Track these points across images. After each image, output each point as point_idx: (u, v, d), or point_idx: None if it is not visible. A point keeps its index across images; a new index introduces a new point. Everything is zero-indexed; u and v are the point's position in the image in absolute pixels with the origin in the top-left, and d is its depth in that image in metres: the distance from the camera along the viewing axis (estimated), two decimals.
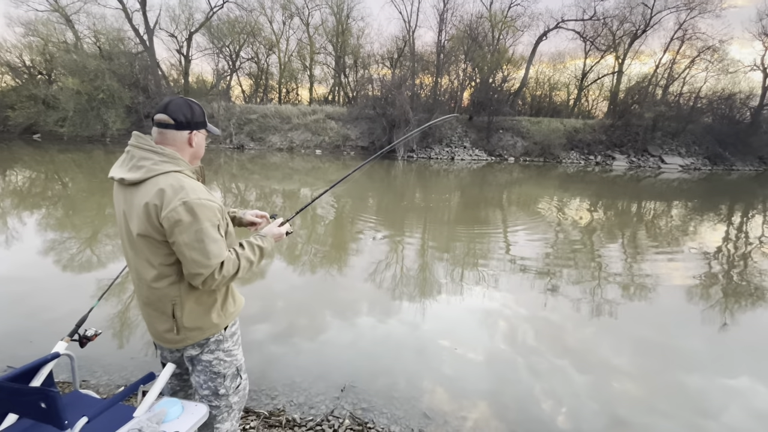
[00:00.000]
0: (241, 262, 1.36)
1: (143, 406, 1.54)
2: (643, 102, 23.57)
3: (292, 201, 9.73)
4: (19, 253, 5.13)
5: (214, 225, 1.30)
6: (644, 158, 22.99)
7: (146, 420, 1.44)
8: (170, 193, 1.25)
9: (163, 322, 1.42)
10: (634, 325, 3.82)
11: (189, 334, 1.43)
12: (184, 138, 1.38)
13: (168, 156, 1.33)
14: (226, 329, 1.52)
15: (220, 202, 1.36)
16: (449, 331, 3.48)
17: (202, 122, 1.43)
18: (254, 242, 1.45)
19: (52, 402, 1.25)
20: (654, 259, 5.89)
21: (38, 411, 1.28)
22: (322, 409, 2.42)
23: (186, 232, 1.25)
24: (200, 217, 1.26)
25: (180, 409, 1.54)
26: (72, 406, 1.64)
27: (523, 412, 2.50)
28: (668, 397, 2.76)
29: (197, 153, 1.45)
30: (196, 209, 1.25)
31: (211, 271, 1.28)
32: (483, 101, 23.37)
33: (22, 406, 1.36)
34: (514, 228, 7.70)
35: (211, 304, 1.44)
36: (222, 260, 1.30)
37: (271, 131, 22.53)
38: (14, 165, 13.27)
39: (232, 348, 1.55)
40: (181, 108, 1.36)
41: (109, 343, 3.07)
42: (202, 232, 1.26)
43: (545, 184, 15.08)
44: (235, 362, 1.58)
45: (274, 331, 3.36)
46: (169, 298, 1.38)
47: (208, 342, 1.49)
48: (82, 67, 20.14)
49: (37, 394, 1.27)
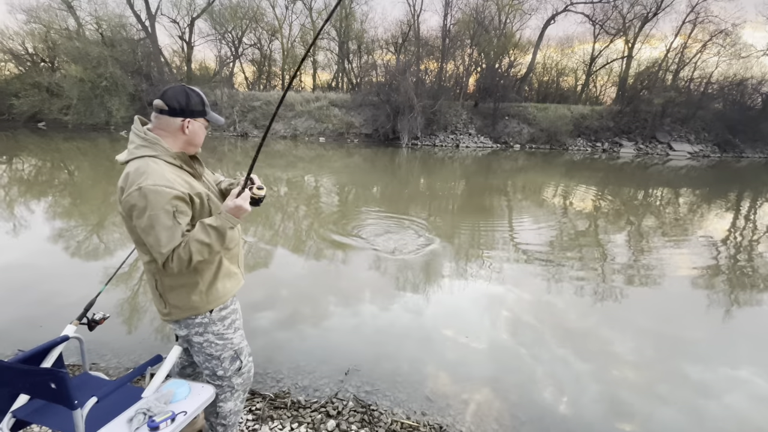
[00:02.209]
0: (191, 246, 1.31)
1: (151, 387, 1.57)
2: (653, 87, 23.12)
3: (296, 189, 9.73)
4: (27, 240, 5.20)
5: (167, 212, 1.29)
6: (652, 145, 22.66)
7: (154, 400, 1.48)
8: (132, 177, 1.31)
9: (155, 295, 1.50)
10: (637, 314, 3.81)
11: (173, 310, 1.48)
12: (177, 125, 1.40)
13: (148, 141, 1.37)
14: (212, 312, 1.52)
15: (183, 189, 1.34)
16: (452, 318, 3.50)
17: (200, 111, 1.44)
18: (207, 222, 1.36)
19: (62, 382, 1.27)
20: (659, 248, 5.85)
21: (48, 391, 1.31)
22: (327, 392, 2.45)
23: (140, 217, 1.30)
24: (152, 203, 1.27)
25: (187, 390, 1.57)
26: (82, 387, 1.68)
27: (525, 397, 2.53)
28: (669, 384, 2.77)
29: (192, 141, 1.46)
30: (149, 195, 1.27)
31: (165, 258, 1.32)
32: (489, 87, 23.03)
33: (33, 386, 1.39)
34: (519, 216, 7.67)
35: (190, 285, 1.45)
36: (173, 248, 1.31)
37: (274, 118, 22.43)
38: (20, 153, 13.34)
39: (224, 332, 1.57)
40: (176, 95, 1.40)
41: (118, 328, 3.12)
42: (153, 218, 1.28)
43: (551, 171, 14.93)
44: (231, 346, 1.59)
45: (279, 317, 3.39)
46: (151, 273, 1.46)
47: (194, 323, 1.52)
48: (85, 54, 20.05)
49: (47, 375, 1.30)
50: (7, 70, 23.37)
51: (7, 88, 21.68)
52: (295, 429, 2.07)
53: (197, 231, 1.34)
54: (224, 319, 1.56)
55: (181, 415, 1.45)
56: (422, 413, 2.32)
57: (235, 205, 1.38)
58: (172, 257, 1.32)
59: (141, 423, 1.38)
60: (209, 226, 1.35)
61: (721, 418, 2.48)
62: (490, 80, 23.03)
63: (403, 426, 2.16)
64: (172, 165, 1.39)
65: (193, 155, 1.51)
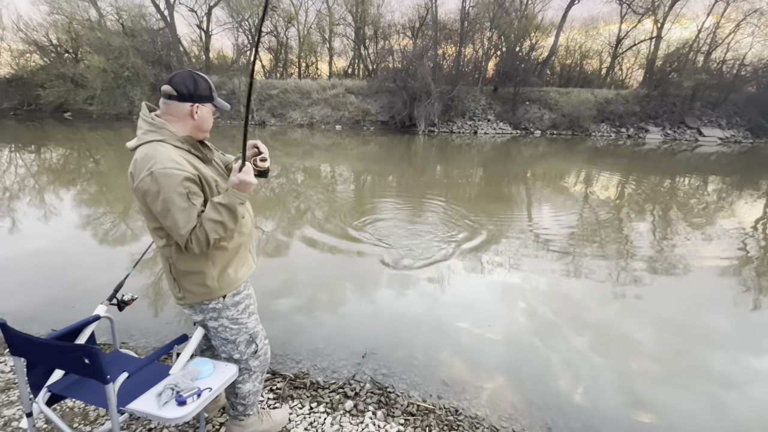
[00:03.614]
0: (205, 225, 1.35)
1: (178, 364, 1.64)
2: (683, 70, 22.04)
3: (312, 178, 9.80)
4: (57, 227, 5.42)
5: (181, 194, 1.31)
6: (680, 131, 21.74)
7: (181, 377, 1.54)
8: (141, 163, 1.33)
9: (170, 280, 1.54)
10: (659, 304, 3.71)
11: (187, 294, 1.52)
12: (186, 110, 1.43)
13: (155, 126, 1.39)
14: (225, 298, 1.55)
15: (191, 170, 1.36)
16: (468, 306, 3.48)
17: (207, 96, 1.46)
18: (216, 201, 1.38)
19: (95, 358, 1.34)
20: (685, 238, 5.66)
21: (82, 366, 1.38)
22: (344, 374, 2.51)
23: (155, 201, 1.32)
24: (164, 186, 1.30)
25: (212, 368, 1.63)
26: (113, 363, 1.76)
27: (541, 386, 2.52)
28: (690, 376, 2.70)
29: (201, 126, 1.48)
30: (160, 179, 1.29)
31: (185, 240, 1.35)
32: (509, 71, 22.43)
33: (67, 362, 1.46)
34: (538, 204, 7.53)
35: (203, 270, 1.47)
36: (191, 228, 1.34)
37: (291, 107, 22.50)
38: (48, 143, 13.84)
39: (238, 317, 1.60)
40: (184, 80, 1.42)
41: (146, 310, 3.25)
42: (168, 202, 1.30)
43: (572, 158, 14.55)
44: (246, 330, 1.63)
45: (298, 303, 3.46)
46: (165, 257, 1.49)
47: (207, 309, 1.55)
48: (107, 45, 20.48)
49: (81, 351, 1.36)
50: (33, 62, 24.09)
51: (33, 79, 22.41)
52: (314, 408, 2.13)
53: (208, 210, 1.37)
54: (238, 304, 1.59)
55: (207, 392, 1.51)
56: (438, 396, 2.35)
57: (239, 180, 1.37)
58: (191, 238, 1.35)
59: (169, 398, 1.45)
60: (218, 204, 1.38)
61: (743, 410, 2.41)
62: (510, 64, 22.42)
63: (419, 408, 2.20)
64: (179, 149, 1.41)
65: (201, 140, 1.53)
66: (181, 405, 1.43)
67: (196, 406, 1.45)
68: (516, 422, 2.18)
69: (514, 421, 2.18)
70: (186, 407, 1.42)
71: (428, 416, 2.13)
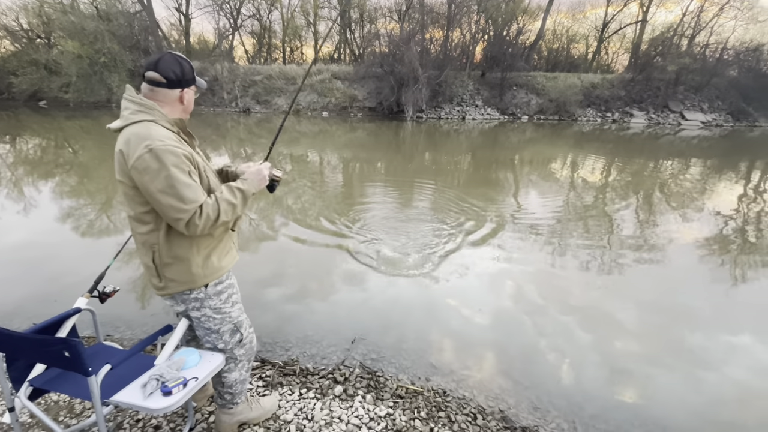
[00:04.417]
0: (220, 205, 1.36)
1: (163, 355, 1.62)
2: (667, 54, 22.25)
3: (300, 165, 9.68)
4: (37, 220, 5.26)
5: (183, 171, 1.30)
6: (664, 115, 22.05)
7: (166, 367, 1.52)
8: (135, 140, 1.28)
9: (149, 268, 1.47)
10: (641, 285, 3.82)
11: (169, 283, 1.46)
12: (176, 96, 1.40)
13: (145, 106, 1.35)
14: (207, 287, 1.51)
15: (188, 150, 1.36)
16: (457, 290, 3.52)
17: (192, 78, 1.45)
18: (233, 185, 1.45)
19: (75, 351, 1.31)
20: (667, 220, 5.79)
21: (63, 360, 1.35)
22: (334, 360, 2.52)
23: (156, 179, 1.26)
24: (167, 162, 1.26)
25: (198, 358, 1.62)
26: (96, 356, 1.74)
27: (528, 365, 2.58)
28: (671, 352, 2.80)
29: (188, 109, 1.48)
30: (162, 155, 1.26)
31: (190, 216, 1.30)
32: (496, 56, 22.30)
33: (48, 356, 1.43)
34: (526, 190, 7.60)
35: (188, 258, 1.43)
36: (200, 204, 1.31)
37: (276, 93, 22.05)
38: (23, 133, 13.32)
39: (221, 306, 1.57)
40: (171, 66, 1.37)
41: (131, 301, 3.20)
42: (172, 178, 1.27)
43: (559, 143, 14.66)
44: (229, 319, 1.61)
45: (287, 292, 3.44)
46: (149, 245, 1.43)
47: (189, 298, 1.52)
48: (81, 29, 19.61)
49: (60, 344, 1.33)
50: (3, 48, 23.04)
51: (5, 66, 21.44)
52: (303, 394, 2.14)
53: (226, 192, 1.41)
54: (220, 293, 1.56)
55: (193, 381, 1.50)
56: (426, 379, 2.39)
57: (262, 176, 1.53)
58: (200, 214, 1.30)
59: (154, 388, 1.43)
60: (236, 188, 1.44)
61: (720, 386, 2.51)
62: (498, 48, 22.28)
63: (407, 391, 2.23)
64: (170, 131, 1.37)
65: None
66: (167, 395, 1.42)
67: (182, 395, 1.44)
68: (502, 401, 2.23)
69: (501, 401, 2.23)
70: (171, 397, 1.41)
71: (417, 398, 2.16)
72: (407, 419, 1.99)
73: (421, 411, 2.06)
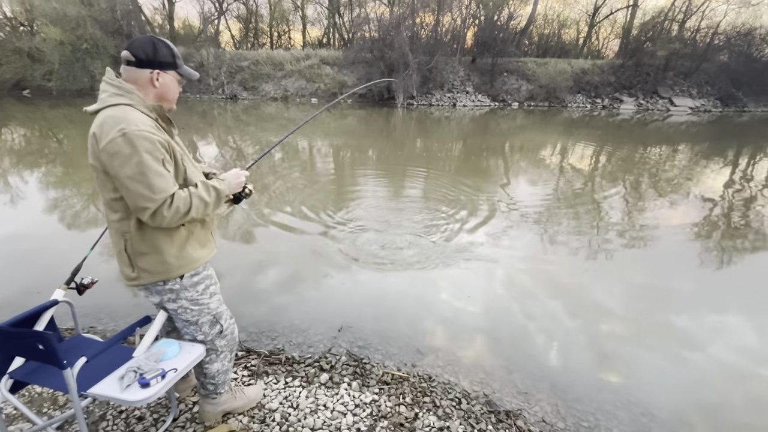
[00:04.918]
0: (193, 200, 1.33)
1: (142, 347, 1.60)
2: (657, 39, 22.20)
3: (289, 153, 9.56)
4: (23, 211, 5.16)
5: (156, 159, 1.26)
6: (653, 100, 22.14)
7: (144, 359, 1.51)
8: (110, 123, 1.24)
9: (122, 257, 1.42)
10: (628, 270, 3.87)
11: (142, 274, 1.42)
12: (146, 76, 1.34)
13: (123, 89, 1.31)
14: (183, 278, 1.48)
15: (163, 138, 1.31)
16: (445, 278, 3.53)
17: (170, 63, 1.37)
18: (210, 183, 1.42)
19: (48, 343, 1.29)
20: (654, 205, 5.86)
21: (37, 352, 1.33)
22: (320, 348, 2.53)
23: (127, 164, 1.22)
24: (139, 148, 1.22)
25: (177, 349, 1.60)
26: (75, 348, 1.71)
27: (514, 349, 2.62)
28: (656, 334, 2.86)
29: (164, 95, 1.39)
30: (135, 141, 1.22)
31: (157, 206, 1.26)
32: (487, 41, 22.06)
33: (22, 348, 1.41)
34: (516, 177, 7.61)
35: (162, 248, 1.39)
36: (170, 195, 1.27)
37: (263, 79, 21.63)
38: (8, 123, 12.94)
39: (198, 297, 1.54)
40: (143, 45, 1.33)
41: (114, 292, 3.15)
42: (143, 165, 1.22)
43: (549, 130, 14.68)
44: (208, 311, 1.58)
45: (275, 281, 3.44)
46: (120, 233, 1.38)
47: (164, 290, 1.48)
48: (63, 15, 18.93)
49: (33, 337, 1.31)
50: None
51: None
52: (289, 383, 2.14)
53: (201, 188, 1.38)
54: (196, 285, 1.52)
55: (172, 372, 1.48)
56: (412, 365, 2.41)
57: (239, 181, 1.55)
58: (169, 205, 1.27)
59: (132, 380, 1.42)
60: (213, 186, 1.41)
61: (704, 366, 2.57)
62: (489, 33, 22.02)
63: (393, 377, 2.24)
64: (148, 117, 1.32)
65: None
66: (145, 387, 1.40)
67: (160, 387, 1.42)
68: (487, 386, 2.26)
69: (486, 385, 2.26)
70: (149, 389, 1.40)
71: (402, 384, 2.18)
72: (392, 405, 2.00)
73: (406, 396, 2.08)
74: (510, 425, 1.95)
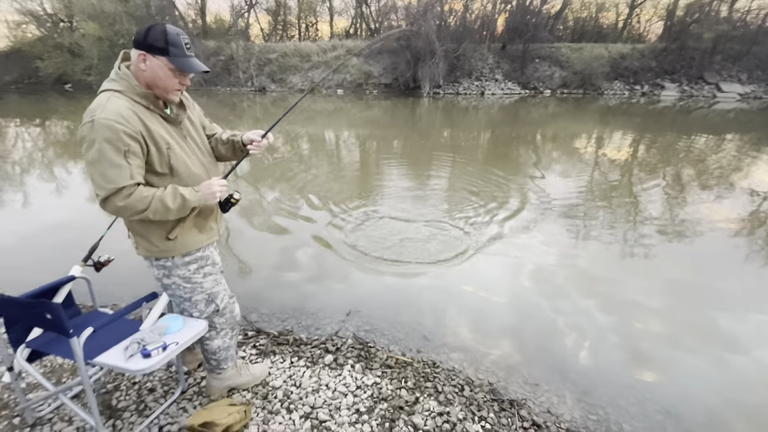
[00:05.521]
0: (153, 202, 1.32)
1: (148, 321, 1.67)
2: (704, 20, 20.66)
3: (315, 143, 9.66)
4: (69, 200, 5.43)
5: (116, 149, 1.25)
6: (698, 86, 20.71)
7: (149, 332, 1.57)
8: (89, 109, 1.29)
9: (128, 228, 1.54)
10: (667, 266, 3.60)
11: (139, 245, 1.51)
12: (136, 57, 1.35)
13: (118, 76, 1.36)
14: (175, 258, 1.52)
15: (137, 128, 1.29)
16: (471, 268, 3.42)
17: (160, 48, 1.31)
18: (180, 190, 1.38)
19: (55, 313, 1.36)
20: (698, 199, 5.44)
21: (46, 321, 1.41)
22: (328, 331, 2.55)
23: (89, 150, 1.26)
24: (100, 137, 1.24)
25: (181, 324, 1.66)
26: (89, 322, 1.79)
27: (526, 339, 2.54)
28: (696, 335, 2.65)
29: (152, 81, 1.35)
30: (98, 129, 1.24)
31: (107, 194, 1.27)
32: (519, 27, 21.31)
33: (34, 318, 1.50)
34: (548, 167, 7.25)
35: (151, 229, 1.45)
36: (119, 187, 1.27)
37: (291, 71, 21.89)
38: (51, 116, 13.78)
39: (191, 276, 1.58)
40: (143, 28, 1.35)
41: (135, 270, 3.28)
42: (100, 152, 1.25)
43: (583, 118, 14.06)
44: (201, 290, 1.62)
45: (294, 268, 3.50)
46: None
47: (158, 265, 1.54)
48: (100, 11, 19.88)
49: (41, 307, 1.38)
50: (29, 33, 23.61)
51: (32, 51, 22.06)
52: (295, 362, 2.18)
53: (167, 194, 1.35)
54: (188, 264, 1.56)
55: (173, 345, 1.53)
56: (417, 351, 2.39)
57: (212, 191, 1.44)
58: (124, 197, 1.28)
59: (135, 351, 1.48)
60: (181, 194, 1.37)
61: (747, 369, 2.37)
62: (521, 19, 21.25)
63: (397, 362, 2.23)
64: (136, 103, 1.35)
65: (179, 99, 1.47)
66: (146, 357, 1.46)
67: (161, 359, 1.48)
68: (493, 375, 2.21)
69: (491, 374, 2.21)
70: (150, 360, 1.46)
71: (405, 369, 2.17)
72: (393, 388, 2.00)
73: (408, 381, 2.06)
74: (513, 414, 1.90)
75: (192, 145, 1.54)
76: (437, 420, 1.82)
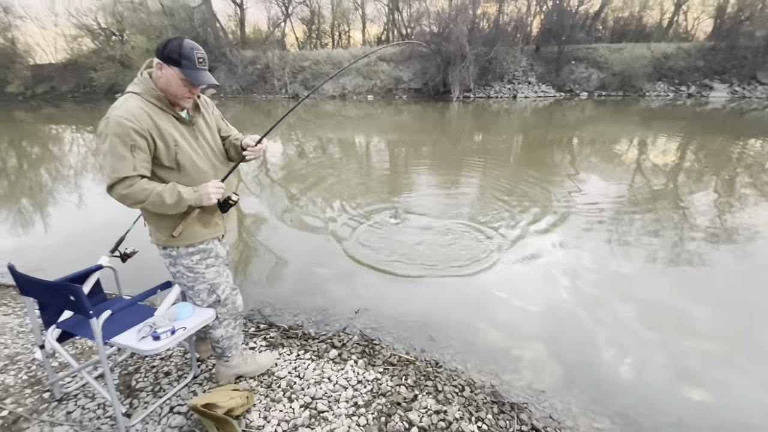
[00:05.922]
0: (151, 195, 1.45)
1: (162, 307, 1.80)
2: (757, 17, 19.25)
3: (344, 147, 9.85)
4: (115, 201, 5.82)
5: (125, 143, 1.40)
6: (751, 87, 19.27)
7: (161, 317, 1.69)
8: (110, 108, 1.46)
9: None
10: (718, 280, 3.37)
11: (151, 233, 1.68)
12: (155, 65, 1.51)
13: (138, 80, 1.51)
14: (179, 248, 1.66)
15: (145, 126, 1.43)
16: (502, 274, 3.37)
17: (174, 60, 1.45)
18: (178, 188, 1.50)
19: (77, 295, 1.50)
20: (754, 207, 5.02)
21: (70, 303, 1.56)
22: (336, 327, 2.62)
23: (104, 141, 1.43)
24: (113, 132, 1.40)
25: (190, 311, 1.77)
26: (111, 306, 1.97)
27: (534, 344, 2.48)
28: (749, 355, 2.46)
29: (165, 87, 1.49)
30: (111, 124, 1.41)
31: (112, 182, 1.43)
32: (554, 28, 20.76)
33: (59, 299, 1.66)
34: (586, 173, 6.93)
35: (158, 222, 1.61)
36: (122, 177, 1.41)
37: (323, 78, 22.42)
38: None
39: (194, 266, 1.70)
40: (164, 40, 1.51)
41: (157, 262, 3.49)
42: (111, 145, 1.41)
43: (623, 121, 13.46)
44: (203, 280, 1.73)
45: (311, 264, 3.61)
46: None
47: (165, 253, 1.69)
48: (149, 25, 21.34)
49: (65, 289, 1.53)
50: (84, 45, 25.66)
51: (87, 63, 23.95)
52: (301, 355, 2.26)
53: (166, 190, 1.48)
54: (191, 254, 1.68)
55: (181, 330, 1.65)
56: (422, 350, 2.40)
57: (207, 193, 1.55)
58: (126, 186, 1.43)
59: (147, 333, 1.61)
60: (179, 192, 1.50)
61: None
62: (557, 20, 20.69)
63: (400, 359, 2.26)
64: (151, 104, 1.49)
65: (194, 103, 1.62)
66: (156, 340, 1.58)
67: (169, 341, 1.59)
68: (495, 377, 2.18)
69: (494, 377, 2.19)
70: (159, 342, 1.58)
71: (407, 367, 2.19)
72: (393, 385, 2.02)
73: (409, 378, 2.08)
74: (512, 417, 1.87)
75: (203, 144, 1.66)
76: (433, 417, 1.83)
